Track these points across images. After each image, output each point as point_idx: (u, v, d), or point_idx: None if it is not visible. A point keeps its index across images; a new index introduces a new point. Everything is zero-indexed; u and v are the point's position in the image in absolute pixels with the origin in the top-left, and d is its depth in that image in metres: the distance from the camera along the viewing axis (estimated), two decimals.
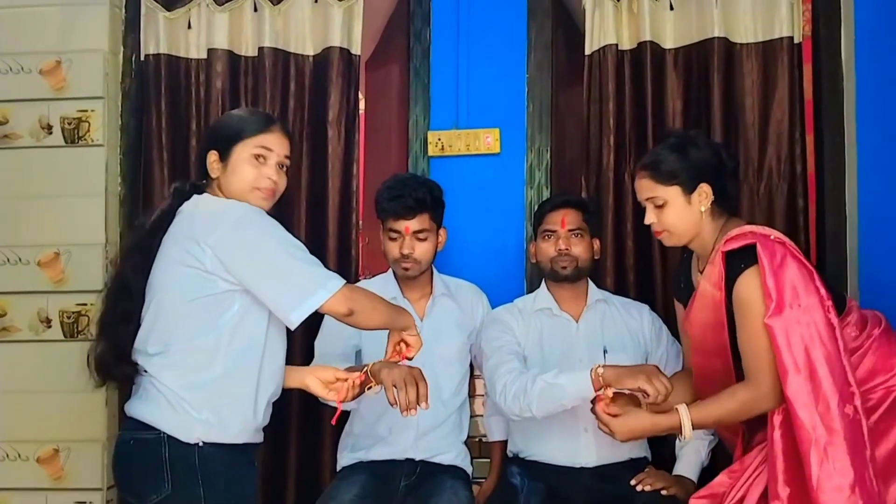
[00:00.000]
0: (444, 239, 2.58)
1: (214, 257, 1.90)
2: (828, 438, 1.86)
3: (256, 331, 1.98)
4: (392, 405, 2.05)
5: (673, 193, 2.09)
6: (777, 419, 1.96)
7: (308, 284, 1.91)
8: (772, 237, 2.02)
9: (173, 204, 2.04)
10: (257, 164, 2.04)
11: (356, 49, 2.90)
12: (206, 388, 1.93)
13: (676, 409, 2.04)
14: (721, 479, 2.10)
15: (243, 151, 2.03)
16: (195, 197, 2.04)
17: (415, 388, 2.03)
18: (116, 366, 2.01)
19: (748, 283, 1.98)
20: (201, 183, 2.09)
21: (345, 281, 1.95)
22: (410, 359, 2.09)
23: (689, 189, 2.09)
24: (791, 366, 1.90)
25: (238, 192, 2.03)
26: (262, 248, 1.92)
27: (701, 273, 2.13)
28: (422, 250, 2.49)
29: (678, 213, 2.09)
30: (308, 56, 2.91)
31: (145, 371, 1.97)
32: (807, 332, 1.91)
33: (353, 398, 2.12)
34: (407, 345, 2.09)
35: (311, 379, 2.13)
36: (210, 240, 1.91)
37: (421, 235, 2.48)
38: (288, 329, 2.01)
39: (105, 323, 2.04)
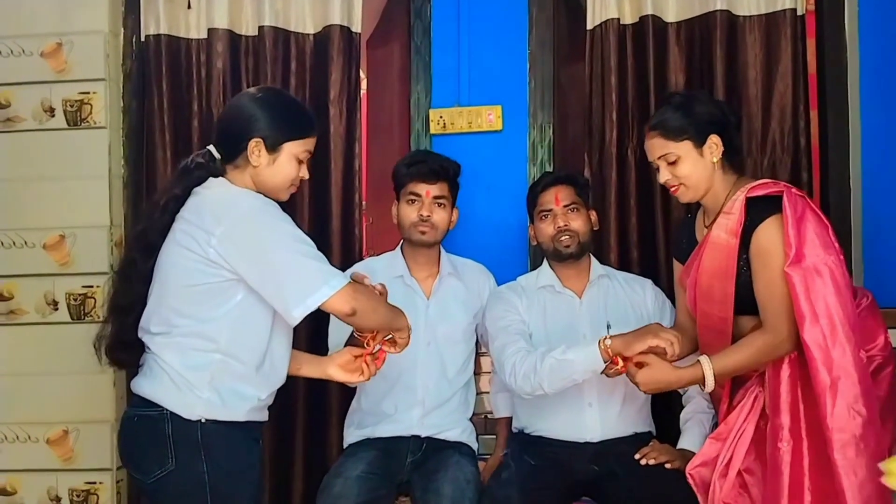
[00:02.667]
0: (457, 218, 2.60)
1: (218, 250, 1.89)
2: (843, 380, 1.93)
3: (262, 320, 1.97)
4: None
5: (685, 148, 2.13)
6: (786, 370, 2.03)
7: (311, 281, 1.89)
8: (793, 190, 2.08)
9: (187, 185, 2.00)
10: (298, 163, 2.04)
11: (357, 27, 2.88)
12: (207, 369, 1.93)
13: (698, 360, 2.09)
14: (709, 444, 2.15)
15: (293, 150, 2.02)
16: (210, 180, 2.01)
17: None
18: (121, 350, 2.04)
19: (769, 231, 2.03)
20: (214, 164, 2.02)
21: (349, 279, 1.94)
22: (394, 353, 2.11)
23: (699, 142, 2.13)
24: (808, 313, 1.96)
25: (274, 187, 2.02)
26: (266, 244, 1.90)
27: (708, 227, 2.16)
28: (439, 216, 2.52)
29: (692, 166, 2.13)
30: (308, 35, 2.89)
31: (149, 349, 1.99)
32: (825, 281, 1.97)
33: (377, 371, 2.13)
34: (394, 342, 2.09)
35: (333, 368, 2.14)
36: (216, 231, 1.89)
37: (440, 201, 2.51)
38: None
39: (113, 307, 2.06)
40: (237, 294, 1.93)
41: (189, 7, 2.90)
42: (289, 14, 2.90)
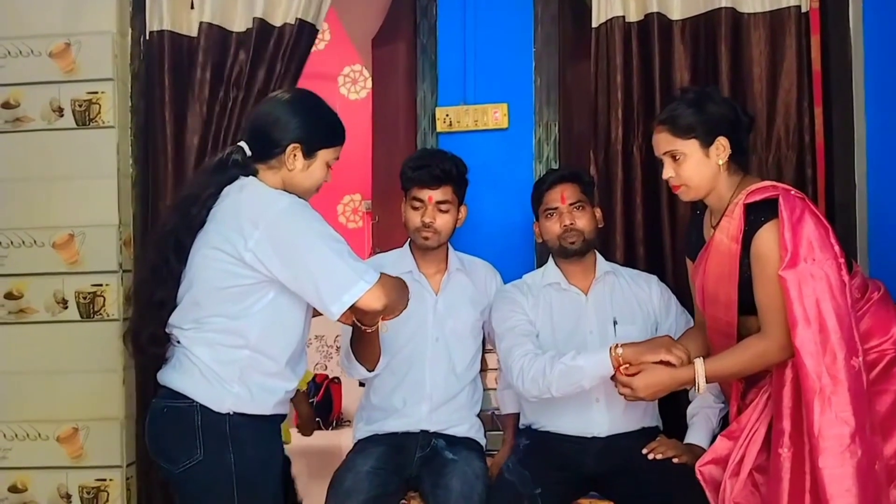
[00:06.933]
0: (465, 216, 2.60)
1: (255, 253, 1.93)
2: (832, 388, 1.91)
3: (293, 318, 2.03)
4: None
5: (691, 147, 2.11)
6: (789, 373, 2.00)
7: (346, 279, 1.93)
8: (792, 192, 2.05)
9: (221, 183, 2.03)
10: (328, 168, 2.10)
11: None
12: (236, 364, 1.98)
13: (693, 362, 2.10)
14: (721, 442, 2.14)
15: (327, 156, 2.08)
16: (242, 180, 2.03)
17: None
18: (156, 345, 2.07)
19: (767, 236, 2.01)
20: (247, 163, 2.05)
21: (380, 274, 1.98)
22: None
23: (706, 142, 2.11)
24: (801, 317, 1.94)
25: (304, 191, 2.07)
26: (301, 245, 1.94)
27: (714, 228, 2.15)
28: (442, 221, 2.51)
29: (696, 167, 2.11)
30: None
31: (178, 342, 2.03)
32: (819, 286, 1.94)
33: None
34: None
35: None
36: (254, 234, 1.93)
37: (443, 207, 2.51)
38: None
39: (148, 304, 2.08)
40: (269, 293, 1.98)
41: (192, 7, 2.91)
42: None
